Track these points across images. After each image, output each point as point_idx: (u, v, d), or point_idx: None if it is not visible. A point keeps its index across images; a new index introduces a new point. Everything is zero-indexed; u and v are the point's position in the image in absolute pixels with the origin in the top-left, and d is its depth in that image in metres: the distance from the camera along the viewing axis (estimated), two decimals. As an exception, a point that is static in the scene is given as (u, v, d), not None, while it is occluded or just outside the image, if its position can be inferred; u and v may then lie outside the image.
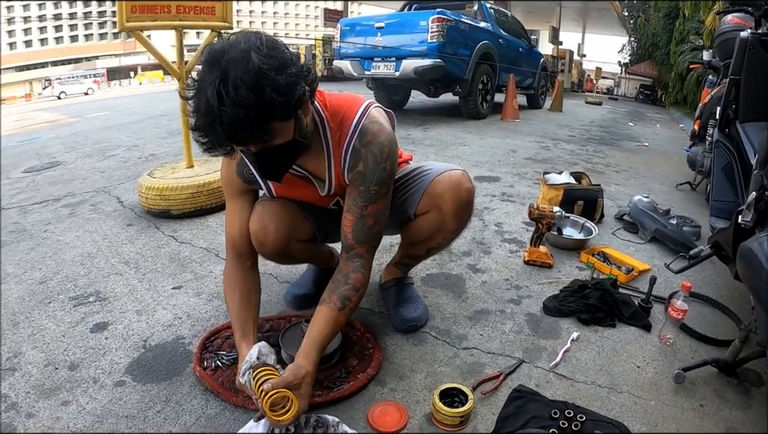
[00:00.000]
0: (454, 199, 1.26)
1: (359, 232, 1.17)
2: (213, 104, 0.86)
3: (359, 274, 1.16)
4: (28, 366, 1.27)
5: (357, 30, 5.84)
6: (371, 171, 1.13)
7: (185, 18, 2.33)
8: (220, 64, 0.88)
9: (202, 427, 1.07)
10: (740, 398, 1.22)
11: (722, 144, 1.91)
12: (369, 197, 1.15)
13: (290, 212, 1.29)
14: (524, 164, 3.76)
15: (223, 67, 0.87)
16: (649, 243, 2.21)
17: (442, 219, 1.29)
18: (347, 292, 1.14)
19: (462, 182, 1.27)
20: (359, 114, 1.14)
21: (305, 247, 1.38)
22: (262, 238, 1.24)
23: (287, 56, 0.95)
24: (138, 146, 4.35)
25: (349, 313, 1.15)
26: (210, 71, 0.88)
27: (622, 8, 18.51)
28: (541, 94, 8.55)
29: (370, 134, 1.13)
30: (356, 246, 1.18)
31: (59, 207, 2.61)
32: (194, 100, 0.92)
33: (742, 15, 2.51)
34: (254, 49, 0.89)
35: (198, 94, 0.90)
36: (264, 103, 0.89)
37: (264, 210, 1.26)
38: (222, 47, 0.91)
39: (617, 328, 1.50)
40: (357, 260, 1.18)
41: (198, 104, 0.90)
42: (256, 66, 0.88)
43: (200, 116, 0.90)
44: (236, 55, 0.88)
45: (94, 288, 1.69)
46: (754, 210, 1.18)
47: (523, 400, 1.14)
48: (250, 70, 0.87)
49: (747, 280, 1.06)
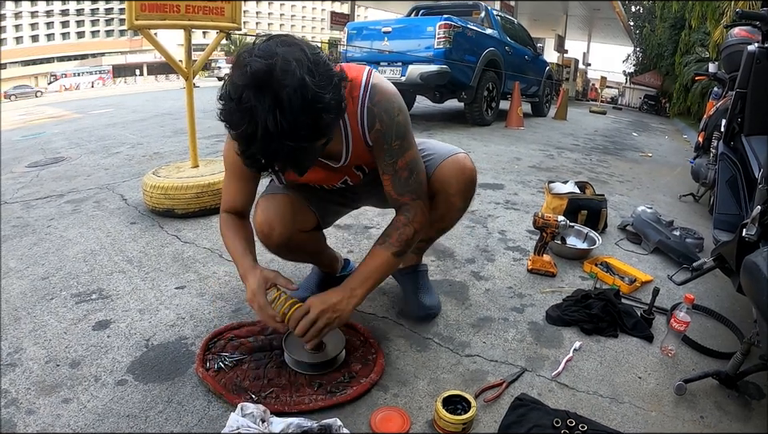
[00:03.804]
0: (460, 182, 1.32)
1: (399, 186, 1.22)
2: (272, 134, 0.85)
3: (403, 216, 1.23)
4: (29, 362, 1.27)
5: (364, 34, 5.87)
6: (388, 127, 1.17)
7: (194, 17, 2.34)
8: (272, 88, 0.84)
9: (203, 428, 1.06)
10: (740, 411, 1.22)
11: (726, 157, 1.92)
12: (394, 153, 1.19)
13: (293, 204, 1.31)
14: (528, 172, 3.77)
15: (276, 93, 0.84)
16: (652, 254, 2.21)
17: (450, 201, 1.34)
18: (388, 230, 1.23)
19: (466, 165, 1.32)
20: (365, 77, 1.16)
21: (309, 237, 1.41)
22: (267, 232, 1.27)
23: (331, 69, 0.94)
24: (142, 144, 4.36)
25: (390, 247, 1.22)
26: (260, 96, 0.84)
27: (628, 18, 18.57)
28: (545, 103, 8.56)
29: (378, 94, 1.16)
30: (400, 198, 1.23)
31: (63, 203, 2.61)
32: (243, 125, 0.87)
33: (748, 29, 2.52)
34: (305, 71, 0.87)
35: (251, 121, 0.86)
36: (320, 129, 0.91)
37: (268, 204, 1.28)
38: (268, 67, 0.85)
39: (619, 339, 1.50)
40: (405, 210, 1.23)
41: (252, 131, 0.86)
42: (312, 91, 0.86)
43: (255, 144, 0.88)
44: (289, 81, 0.85)
45: (97, 286, 1.69)
46: (759, 224, 1.18)
47: (525, 409, 1.14)
48: (306, 97, 0.86)
49: (750, 294, 1.07)
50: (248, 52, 0.89)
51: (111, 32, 56.62)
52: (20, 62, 50.76)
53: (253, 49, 0.90)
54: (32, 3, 51.10)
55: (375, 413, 1.10)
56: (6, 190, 2.91)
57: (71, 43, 55.03)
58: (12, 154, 4.13)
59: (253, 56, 0.87)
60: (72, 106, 9.92)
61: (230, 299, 1.61)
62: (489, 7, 6.56)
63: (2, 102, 19.84)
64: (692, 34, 11.43)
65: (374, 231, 2.22)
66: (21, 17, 52.53)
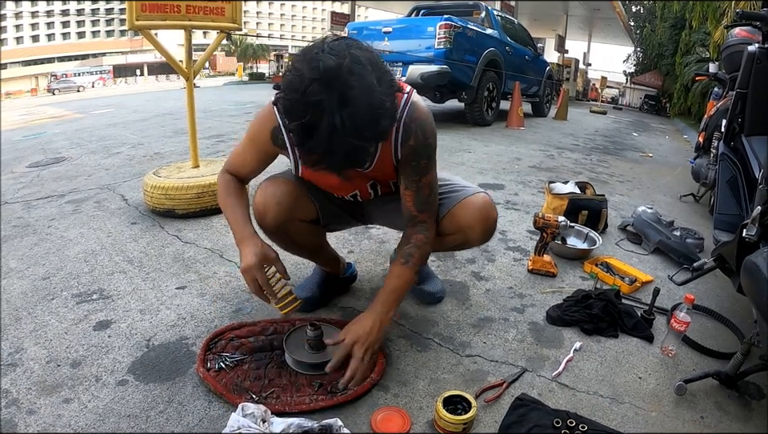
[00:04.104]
0: (483, 229, 1.36)
1: (420, 203, 1.27)
2: (336, 130, 0.89)
3: (422, 235, 1.29)
4: (30, 362, 1.27)
5: (364, 35, 5.87)
6: (421, 144, 1.20)
7: (194, 18, 2.34)
8: (341, 86, 0.88)
9: (204, 428, 1.07)
10: (741, 411, 1.22)
11: (727, 157, 1.92)
12: (420, 170, 1.23)
13: (294, 192, 1.32)
14: (528, 172, 3.77)
15: (343, 92, 0.88)
16: (652, 254, 2.21)
17: (469, 240, 1.40)
18: (410, 249, 1.27)
19: (490, 212, 1.36)
20: (406, 94, 1.19)
21: (305, 228, 1.41)
22: (262, 211, 1.29)
23: (393, 78, 1.00)
24: (143, 144, 4.36)
25: (414, 267, 1.28)
26: (328, 92, 0.88)
27: (628, 18, 18.56)
28: (546, 103, 8.56)
29: (417, 111, 1.19)
30: (419, 214, 1.28)
31: (63, 203, 2.62)
32: (305, 116, 0.90)
33: (749, 29, 2.52)
34: (373, 76, 0.92)
35: (315, 114, 0.89)
36: (379, 133, 0.97)
37: (269, 186, 1.31)
38: (338, 65, 0.89)
39: (619, 339, 1.50)
40: (420, 226, 1.29)
41: (314, 123, 0.90)
42: (377, 97, 0.91)
43: (316, 137, 0.91)
44: (358, 82, 0.89)
45: (98, 286, 1.69)
46: (759, 224, 1.18)
47: (526, 409, 1.14)
48: (372, 101, 0.90)
49: (751, 294, 1.07)
50: (318, 48, 0.92)
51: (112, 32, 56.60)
52: (20, 62, 50.79)
53: (323, 45, 0.93)
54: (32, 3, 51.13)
55: (376, 413, 1.11)
56: (6, 191, 2.91)
57: (72, 43, 55.02)
58: (13, 154, 4.13)
59: (324, 52, 0.90)
60: (73, 106, 9.93)
61: (230, 299, 1.62)
62: (489, 7, 6.56)
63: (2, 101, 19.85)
64: (692, 34, 11.41)
65: (374, 232, 2.22)
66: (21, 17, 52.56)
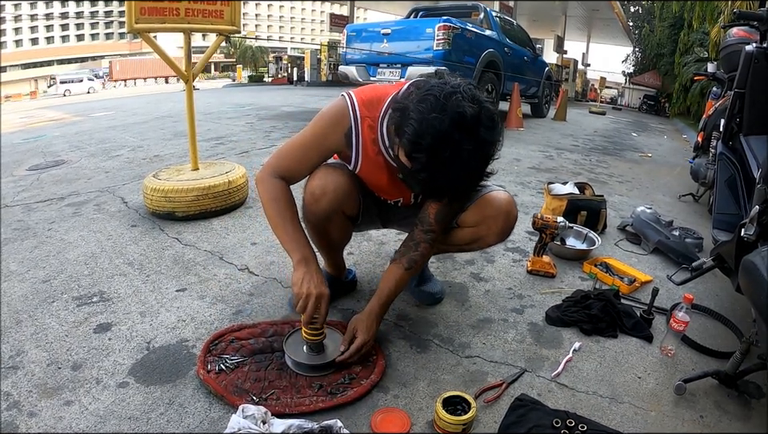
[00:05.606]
0: (503, 224, 1.37)
1: (441, 215, 1.32)
2: (466, 171, 1.04)
3: (428, 244, 1.34)
4: (30, 365, 1.27)
5: (363, 36, 5.88)
6: None
7: (193, 20, 2.35)
8: (478, 137, 1.01)
9: (205, 430, 1.07)
10: (740, 410, 1.22)
11: (725, 157, 1.92)
12: None
13: (350, 185, 1.34)
14: (527, 173, 3.77)
15: (481, 143, 1.02)
16: (651, 254, 2.21)
17: (486, 235, 1.39)
18: (415, 257, 1.33)
19: (512, 210, 1.37)
20: None
21: (344, 223, 1.44)
22: (319, 195, 1.30)
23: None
24: (142, 146, 4.36)
25: (413, 274, 1.37)
26: (468, 140, 1.00)
27: (627, 18, 18.57)
28: (545, 103, 8.56)
29: None
30: (434, 224, 1.32)
31: (63, 206, 2.62)
32: (444, 152, 1.00)
33: (747, 29, 2.52)
34: (500, 128, 1.06)
35: (452, 153, 1.00)
36: (488, 173, 1.13)
37: (329, 173, 1.31)
38: (473, 113, 0.99)
39: (618, 339, 1.51)
40: (429, 234, 1.33)
41: (440, 153, 1.00)
42: (497, 148, 1.07)
43: (445, 172, 1.03)
44: (491, 137, 1.04)
45: (98, 288, 1.69)
46: (757, 223, 1.19)
47: (525, 409, 1.14)
48: (493, 153, 1.07)
49: (749, 293, 1.07)
50: (454, 90, 1.01)
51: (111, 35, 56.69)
52: (20, 65, 50.81)
53: (458, 88, 1.02)
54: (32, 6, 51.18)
55: (376, 414, 1.11)
56: (6, 194, 2.91)
57: (71, 46, 55.10)
58: (13, 157, 4.13)
59: (465, 99, 1.00)
60: (72, 108, 9.93)
61: (230, 301, 1.62)
62: (488, 8, 6.57)
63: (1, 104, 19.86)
64: (691, 33, 11.44)
65: (374, 233, 2.22)
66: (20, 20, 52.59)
